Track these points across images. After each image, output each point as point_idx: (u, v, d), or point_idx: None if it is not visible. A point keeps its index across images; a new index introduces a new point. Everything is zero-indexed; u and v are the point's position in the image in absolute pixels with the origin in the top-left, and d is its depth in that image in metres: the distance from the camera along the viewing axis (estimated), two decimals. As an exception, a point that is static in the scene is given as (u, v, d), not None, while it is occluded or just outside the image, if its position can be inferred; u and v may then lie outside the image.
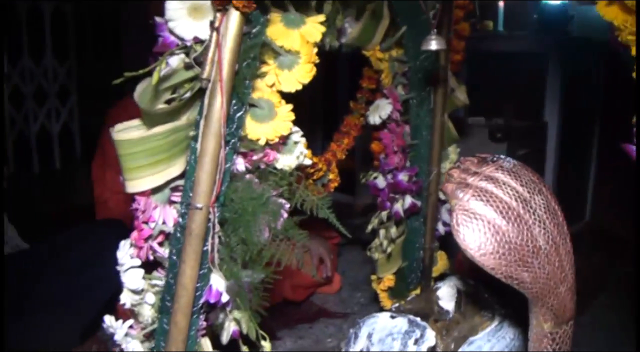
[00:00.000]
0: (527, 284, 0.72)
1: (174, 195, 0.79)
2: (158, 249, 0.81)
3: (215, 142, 0.73)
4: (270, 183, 0.85)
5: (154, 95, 0.74)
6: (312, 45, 0.80)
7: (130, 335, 0.83)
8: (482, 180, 0.73)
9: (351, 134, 1.39)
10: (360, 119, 1.37)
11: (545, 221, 0.73)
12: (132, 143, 0.73)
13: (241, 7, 0.69)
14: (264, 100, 0.80)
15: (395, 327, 0.92)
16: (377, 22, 1.12)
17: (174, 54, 0.73)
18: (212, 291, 0.79)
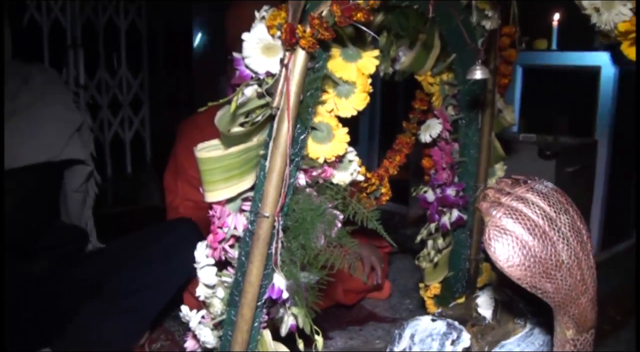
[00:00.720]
0: (550, 294, 0.81)
1: (245, 205, 0.91)
2: (229, 250, 0.93)
3: (281, 161, 0.85)
4: (326, 196, 0.96)
5: (231, 119, 0.86)
6: (367, 77, 0.91)
7: (203, 323, 0.95)
8: (514, 200, 0.83)
9: (403, 151, 1.49)
10: (412, 137, 1.46)
11: (569, 238, 0.82)
12: (212, 161, 0.86)
13: (307, 47, 0.81)
14: (324, 124, 0.91)
15: (435, 329, 1.02)
16: (429, 50, 1.22)
17: (249, 85, 0.86)
18: (274, 289, 0.90)
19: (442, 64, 1.28)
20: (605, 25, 0.83)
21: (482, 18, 1.19)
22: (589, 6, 0.83)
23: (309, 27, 0.79)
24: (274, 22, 0.82)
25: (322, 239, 0.95)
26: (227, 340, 0.93)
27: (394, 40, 1.16)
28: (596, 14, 0.83)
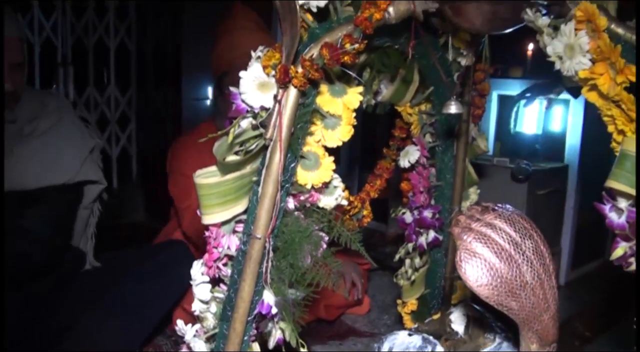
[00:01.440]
0: (515, 311, 0.90)
1: (238, 226, 0.99)
2: (223, 268, 1.01)
3: (273, 187, 0.93)
4: (313, 219, 1.04)
5: (227, 149, 0.95)
6: (351, 111, 0.99)
7: (197, 336, 1.03)
8: (483, 226, 0.92)
9: (383, 176, 1.57)
10: (392, 163, 1.55)
11: (533, 261, 0.91)
12: (209, 186, 0.94)
13: (298, 86, 0.89)
14: (312, 153, 0.99)
15: (411, 342, 1.10)
16: (408, 84, 1.31)
17: (245, 118, 0.94)
18: (264, 304, 0.96)
19: (421, 96, 1.37)
20: (568, 72, 0.92)
21: (458, 55, 1.29)
22: (553, 54, 0.93)
23: (300, 68, 0.88)
24: (269, 62, 0.90)
25: (309, 258, 1.03)
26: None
27: (376, 75, 1.25)
28: (559, 61, 0.93)
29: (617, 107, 0.89)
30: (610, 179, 0.90)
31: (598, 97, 0.92)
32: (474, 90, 1.44)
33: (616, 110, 0.89)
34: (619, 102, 0.88)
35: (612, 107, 0.90)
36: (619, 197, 0.90)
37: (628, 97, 0.87)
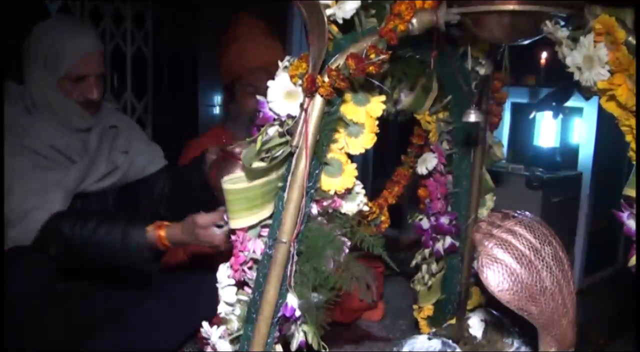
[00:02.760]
0: (535, 316, 0.92)
1: (263, 231, 1.02)
2: (248, 272, 1.03)
3: (298, 193, 0.95)
4: (336, 224, 1.07)
5: (254, 155, 0.97)
6: (374, 119, 1.02)
7: (222, 338, 1.05)
8: (504, 232, 0.94)
9: (401, 182, 1.60)
10: (410, 170, 1.58)
11: (552, 267, 0.94)
12: (237, 192, 0.97)
13: (325, 95, 0.92)
14: (335, 160, 1.02)
15: (431, 346, 1.12)
16: (427, 92, 1.34)
17: (272, 126, 0.97)
18: (288, 307, 0.99)
19: (439, 104, 1.39)
20: (586, 82, 0.95)
21: (476, 64, 1.31)
22: (572, 65, 0.96)
23: (327, 78, 0.91)
24: (296, 72, 0.93)
25: (331, 263, 1.05)
26: (244, 353, 1.03)
27: (397, 84, 1.28)
28: (578, 72, 0.95)
29: (635, 117, 0.91)
30: (628, 187, 0.92)
31: (616, 107, 0.94)
32: (491, 98, 1.46)
33: (634, 120, 0.91)
34: (637, 113, 0.90)
35: (630, 117, 0.92)
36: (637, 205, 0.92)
37: (646, 107, 0.89)
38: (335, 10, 0.93)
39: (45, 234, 1.53)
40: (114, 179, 1.77)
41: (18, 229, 1.54)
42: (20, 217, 1.54)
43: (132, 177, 1.82)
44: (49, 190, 1.56)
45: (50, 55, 1.64)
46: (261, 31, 2.32)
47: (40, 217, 1.53)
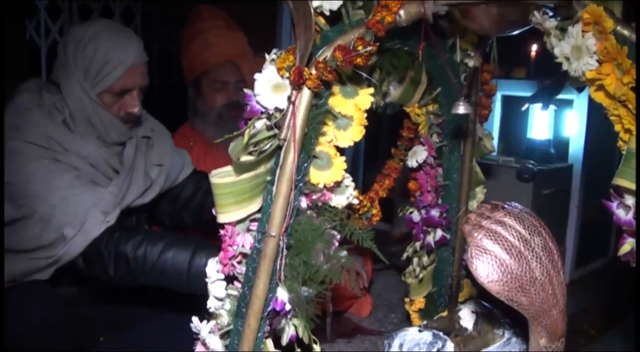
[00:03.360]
0: (525, 306, 0.92)
1: (252, 225, 1.01)
2: (237, 266, 1.03)
3: (287, 186, 0.95)
4: (325, 218, 1.06)
5: (242, 149, 0.97)
6: (363, 112, 1.01)
7: (212, 332, 1.05)
8: (493, 223, 0.94)
9: (392, 176, 1.60)
10: (400, 163, 1.57)
11: (542, 257, 0.93)
12: (225, 186, 0.96)
13: (312, 87, 0.91)
14: (324, 153, 1.01)
15: (422, 338, 1.12)
16: (416, 85, 1.34)
17: (259, 119, 0.96)
18: (277, 301, 0.99)
19: (428, 97, 1.39)
20: (575, 72, 0.95)
21: (465, 56, 1.31)
22: (561, 55, 0.95)
23: (314, 70, 0.90)
24: (283, 65, 0.92)
25: (321, 256, 1.05)
26: (234, 348, 1.02)
27: (385, 76, 1.28)
28: (567, 62, 0.95)
29: (623, 107, 0.91)
30: (617, 177, 0.92)
31: (605, 97, 0.94)
32: (480, 90, 1.46)
33: (623, 110, 0.91)
34: (625, 102, 0.91)
35: (619, 107, 0.92)
36: (626, 195, 0.92)
37: (634, 97, 0.89)
38: (322, 2, 0.92)
39: (101, 254, 1.47)
40: (153, 194, 1.72)
41: (59, 250, 1.48)
42: (58, 240, 1.47)
43: (166, 188, 1.79)
44: (86, 213, 1.48)
45: (93, 67, 1.55)
46: (224, 23, 2.29)
47: (79, 242, 1.47)
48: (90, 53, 1.54)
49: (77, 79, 1.55)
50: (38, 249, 1.49)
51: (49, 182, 1.48)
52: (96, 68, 1.54)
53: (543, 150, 2.64)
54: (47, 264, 1.49)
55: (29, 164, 1.49)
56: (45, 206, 1.47)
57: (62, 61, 1.58)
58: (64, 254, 1.47)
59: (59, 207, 1.47)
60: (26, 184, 1.48)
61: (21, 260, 1.51)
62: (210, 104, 2.24)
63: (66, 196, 1.48)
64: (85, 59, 1.54)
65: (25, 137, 1.50)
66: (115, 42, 1.56)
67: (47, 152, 1.51)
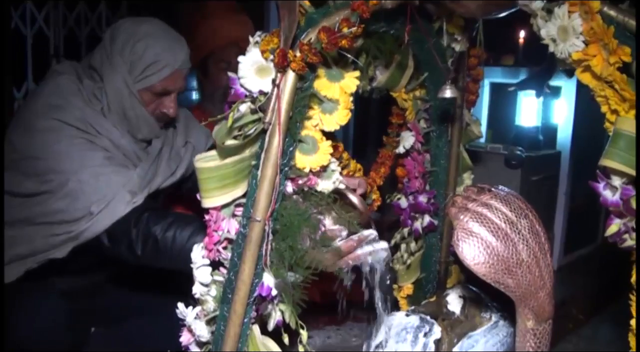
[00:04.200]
0: (512, 289, 0.92)
1: (237, 210, 1.00)
2: (223, 252, 1.02)
3: (272, 170, 0.94)
4: (311, 202, 1.06)
5: (226, 133, 0.96)
6: (348, 95, 1.01)
7: (197, 318, 1.04)
8: (479, 206, 0.94)
9: (386, 163, 1.59)
10: (393, 151, 1.57)
11: (529, 239, 0.93)
12: (209, 170, 0.95)
13: (297, 70, 0.90)
14: (310, 137, 1.00)
15: (408, 323, 1.12)
16: (403, 70, 1.33)
17: (243, 103, 0.95)
18: (264, 286, 0.98)
19: (415, 82, 1.38)
20: (561, 54, 0.94)
21: (452, 41, 1.30)
22: (547, 37, 0.95)
23: (299, 52, 0.89)
24: (267, 47, 0.91)
25: (308, 241, 1.04)
26: (220, 334, 1.01)
27: (372, 60, 1.26)
28: (553, 44, 0.95)
29: (610, 88, 0.91)
30: (604, 158, 0.92)
31: (591, 78, 0.94)
32: (467, 75, 1.45)
33: (609, 91, 0.91)
34: (612, 83, 0.90)
35: (606, 88, 0.92)
36: (613, 176, 0.92)
37: (621, 77, 0.89)
38: (307, -17, 0.91)
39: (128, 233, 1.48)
40: (182, 170, 1.75)
41: (82, 226, 1.49)
42: (84, 216, 1.49)
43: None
44: (115, 191, 1.51)
45: (140, 64, 1.57)
46: (229, 7, 2.31)
47: (104, 220, 1.49)
48: (141, 50, 1.56)
49: (122, 72, 1.57)
50: (61, 223, 1.50)
51: (81, 159, 1.51)
52: (143, 66, 1.57)
53: (531, 137, 2.64)
54: (68, 238, 1.51)
55: (62, 141, 1.51)
56: (75, 181, 1.49)
57: (107, 52, 1.60)
58: (86, 230, 1.49)
59: (89, 184, 1.49)
60: (57, 159, 1.50)
61: (41, 234, 1.52)
62: (217, 83, 2.29)
63: (97, 174, 1.50)
64: (134, 55, 1.57)
65: (62, 117, 1.53)
66: (167, 44, 1.59)
67: (81, 133, 1.54)
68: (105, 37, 1.63)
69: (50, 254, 1.53)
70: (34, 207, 1.52)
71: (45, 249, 1.53)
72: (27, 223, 1.53)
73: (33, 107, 1.56)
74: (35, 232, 1.52)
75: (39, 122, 1.53)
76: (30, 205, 1.52)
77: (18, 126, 1.58)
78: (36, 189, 1.51)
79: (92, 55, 1.66)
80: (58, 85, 1.58)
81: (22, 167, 1.53)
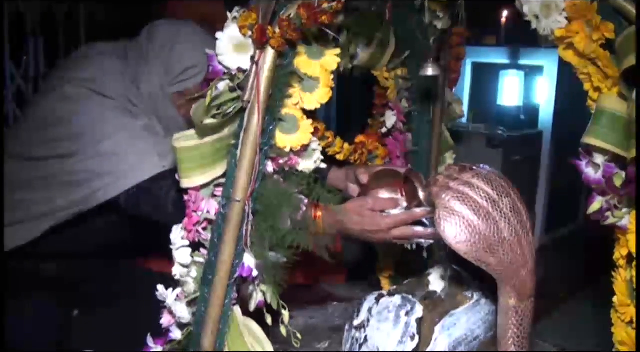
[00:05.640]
0: (494, 267, 0.91)
1: (217, 190, 0.99)
2: (202, 232, 1.01)
3: (252, 150, 0.92)
4: (292, 182, 1.05)
5: (205, 112, 0.94)
6: (329, 73, 0.99)
7: (178, 300, 1.03)
8: (461, 184, 0.93)
9: (372, 145, 1.58)
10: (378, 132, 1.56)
11: (510, 218, 0.93)
12: (188, 150, 0.93)
13: (276, 47, 0.88)
14: (290, 116, 0.99)
15: (390, 302, 1.12)
16: (385, 48, 1.32)
17: (222, 80, 0.93)
18: (244, 267, 0.97)
19: (397, 60, 1.37)
20: (544, 31, 0.93)
21: (434, 18, 1.29)
22: (530, 13, 0.94)
23: (278, 29, 0.87)
24: (245, 23, 0.89)
25: (288, 221, 1.03)
26: (201, 315, 1.00)
27: (353, 38, 1.25)
28: (536, 21, 0.93)
29: (593, 65, 0.90)
30: (587, 136, 0.91)
31: (574, 56, 0.93)
32: (449, 54, 1.44)
33: (592, 68, 0.90)
34: (595, 60, 0.89)
35: (588, 65, 0.91)
36: (596, 153, 0.91)
37: (604, 54, 0.88)
38: (285, -43, 0.89)
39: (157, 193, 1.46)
40: None
41: (106, 181, 1.47)
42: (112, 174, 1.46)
43: None
44: (146, 152, 1.48)
45: (177, 68, 1.54)
46: None
47: (131, 179, 1.46)
48: (178, 54, 1.54)
49: (158, 74, 1.54)
50: (85, 180, 1.47)
51: (117, 125, 1.48)
52: (180, 70, 1.54)
53: (513, 117, 2.65)
54: (91, 192, 1.48)
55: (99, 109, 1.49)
56: (108, 142, 1.46)
57: (143, 54, 1.56)
58: (109, 185, 1.46)
59: (121, 144, 1.46)
60: (92, 125, 1.47)
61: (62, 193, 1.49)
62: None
63: (130, 136, 1.47)
64: (171, 58, 1.54)
65: (101, 89, 1.50)
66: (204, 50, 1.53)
67: (119, 104, 1.51)
68: (141, 36, 1.59)
69: (70, 211, 1.50)
70: (56, 165, 1.48)
71: (64, 207, 1.50)
72: (45, 183, 1.50)
73: (71, 77, 1.52)
74: (60, 188, 1.49)
75: (76, 91, 1.49)
76: (52, 164, 1.49)
77: (49, 96, 1.53)
78: (65, 153, 1.48)
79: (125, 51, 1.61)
80: (102, 65, 1.55)
81: (51, 134, 1.49)
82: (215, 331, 0.98)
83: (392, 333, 1.08)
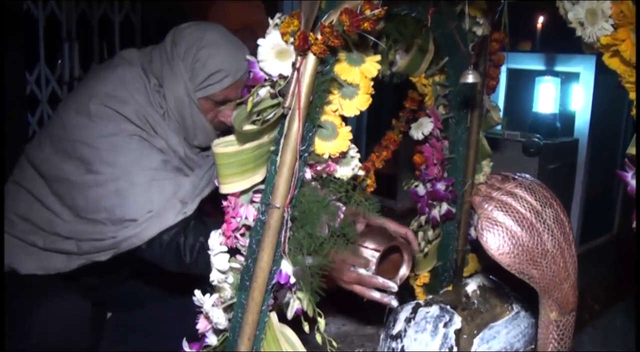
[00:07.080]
0: (536, 279, 0.90)
1: (255, 196, 0.99)
2: (240, 239, 1.01)
3: (292, 156, 0.92)
4: (330, 189, 1.04)
5: (245, 118, 0.94)
6: (369, 80, 0.98)
7: (215, 306, 1.03)
8: (504, 195, 0.92)
9: (390, 147, 1.57)
10: (399, 135, 1.54)
11: (554, 229, 0.91)
12: (228, 156, 0.93)
13: (318, 53, 0.88)
14: (329, 122, 0.98)
15: (428, 312, 1.10)
16: (424, 54, 1.30)
17: (263, 87, 0.93)
18: (282, 274, 0.97)
19: (436, 67, 1.36)
20: (589, 38, 0.91)
21: (474, 25, 1.27)
22: (574, 20, 0.92)
23: (320, 35, 0.87)
24: (287, 29, 0.89)
25: (326, 228, 1.03)
26: (238, 321, 1.00)
27: (392, 44, 1.24)
28: (581, 28, 0.91)
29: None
30: (632, 146, 0.89)
31: (620, 64, 0.91)
32: (489, 60, 1.42)
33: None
34: (642, 68, 0.87)
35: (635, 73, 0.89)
36: (642, 165, 0.89)
37: (653, 62, 0.86)
38: (328, -36, 0.89)
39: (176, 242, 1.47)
40: None
41: (128, 232, 1.46)
42: (133, 224, 1.46)
43: None
44: (167, 199, 1.47)
45: (202, 72, 1.53)
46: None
47: (153, 227, 1.45)
48: (204, 58, 1.52)
49: (183, 79, 1.53)
50: (106, 223, 1.46)
51: (137, 159, 1.47)
52: (206, 74, 1.53)
53: (549, 125, 2.61)
54: (113, 243, 1.47)
55: (118, 134, 1.47)
56: (127, 181, 1.45)
57: (168, 58, 1.55)
58: (133, 236, 1.45)
59: (141, 187, 1.45)
60: (110, 152, 1.46)
61: (88, 232, 1.48)
62: None
63: (151, 178, 1.46)
64: (196, 62, 1.53)
65: (121, 109, 1.48)
66: (230, 54, 1.54)
67: (139, 130, 1.50)
68: (167, 40, 1.58)
69: (95, 257, 1.50)
70: (77, 195, 1.47)
71: (91, 252, 1.50)
72: (72, 214, 1.49)
73: (93, 91, 1.51)
74: (83, 229, 1.48)
75: (95, 108, 1.47)
76: (71, 191, 1.48)
77: (70, 106, 1.52)
78: (78, 175, 1.46)
79: (151, 56, 1.61)
80: (124, 77, 1.54)
81: (68, 148, 1.48)
82: (251, 337, 0.98)
83: (430, 344, 1.07)
